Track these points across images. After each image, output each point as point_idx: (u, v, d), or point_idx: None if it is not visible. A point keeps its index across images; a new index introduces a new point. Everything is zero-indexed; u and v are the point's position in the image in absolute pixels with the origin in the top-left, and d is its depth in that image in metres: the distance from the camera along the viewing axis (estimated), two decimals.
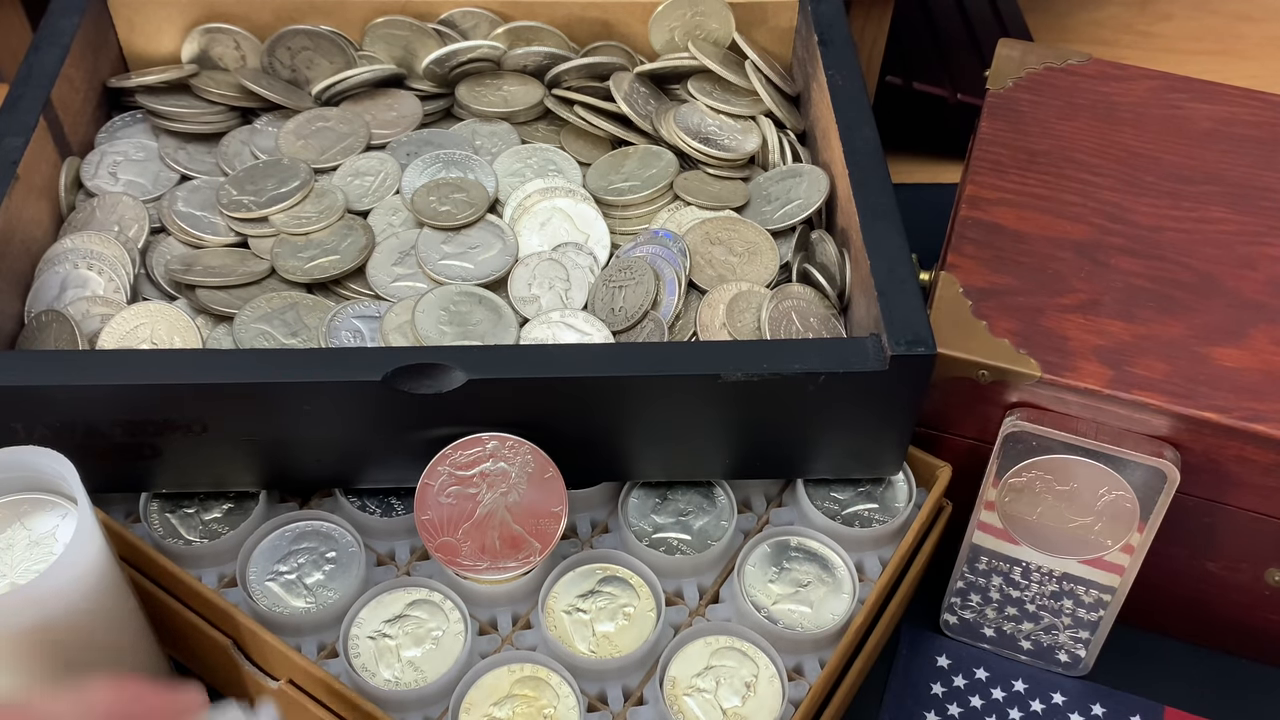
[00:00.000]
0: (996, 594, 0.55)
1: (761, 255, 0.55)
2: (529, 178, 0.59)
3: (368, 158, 0.60)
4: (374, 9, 0.64)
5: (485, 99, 0.62)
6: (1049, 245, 0.56)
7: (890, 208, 0.51)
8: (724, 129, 0.60)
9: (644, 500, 0.52)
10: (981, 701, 0.55)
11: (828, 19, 0.61)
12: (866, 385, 0.46)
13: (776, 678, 0.47)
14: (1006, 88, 0.65)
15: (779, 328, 0.52)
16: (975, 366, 0.51)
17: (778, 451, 0.50)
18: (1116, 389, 0.50)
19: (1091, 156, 0.61)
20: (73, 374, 0.44)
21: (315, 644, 0.48)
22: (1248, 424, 0.49)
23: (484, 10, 0.65)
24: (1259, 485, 0.50)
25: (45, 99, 0.55)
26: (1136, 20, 0.96)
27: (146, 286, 0.55)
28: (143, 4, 0.62)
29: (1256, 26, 0.96)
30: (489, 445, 0.47)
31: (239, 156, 0.60)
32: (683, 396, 0.46)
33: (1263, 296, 0.54)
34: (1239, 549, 0.53)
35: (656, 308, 0.53)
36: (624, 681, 0.47)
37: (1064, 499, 0.51)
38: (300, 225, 0.56)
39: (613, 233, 0.57)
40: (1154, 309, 0.53)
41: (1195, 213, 0.58)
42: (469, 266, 0.55)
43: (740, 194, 0.58)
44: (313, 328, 0.52)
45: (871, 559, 0.52)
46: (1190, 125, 0.63)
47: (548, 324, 0.53)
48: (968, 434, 0.54)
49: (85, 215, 0.56)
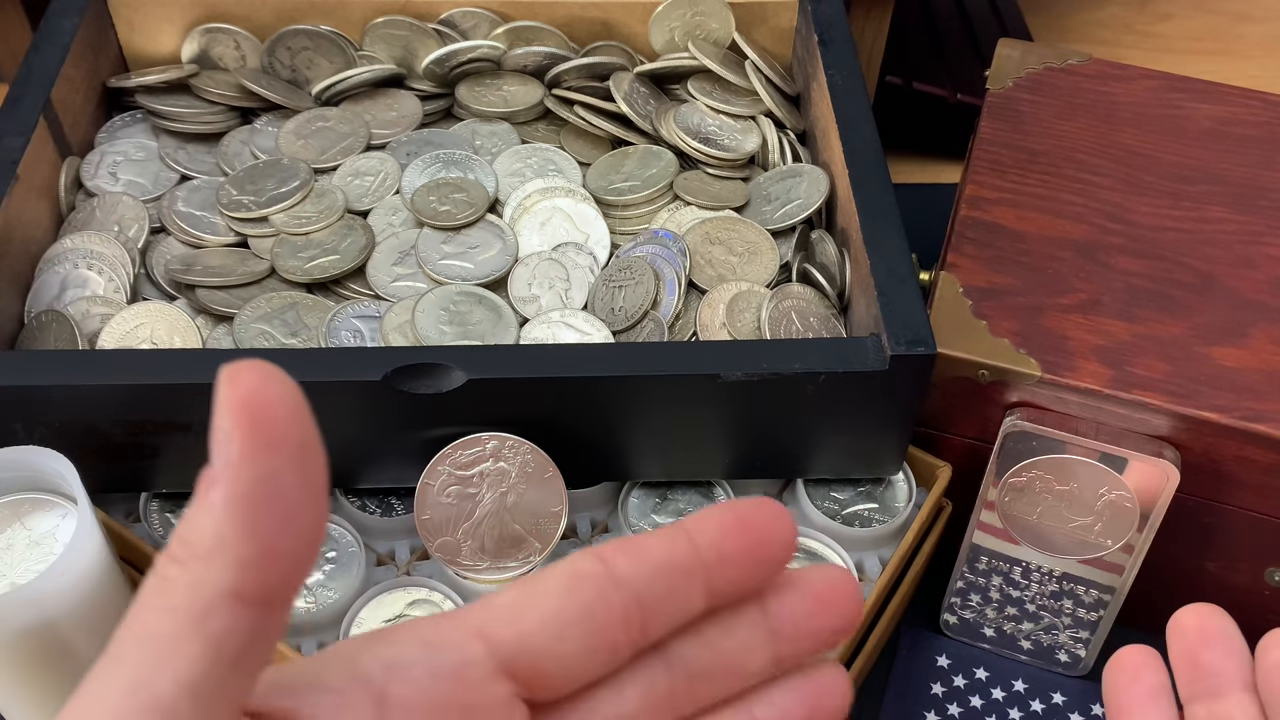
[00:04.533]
0: (996, 594, 0.55)
1: (761, 255, 0.55)
2: (529, 178, 0.59)
3: (368, 158, 0.60)
4: (374, 9, 0.64)
5: (485, 99, 0.62)
6: (1049, 245, 0.56)
7: (890, 208, 0.51)
8: (724, 129, 0.60)
9: (644, 500, 0.52)
10: (981, 701, 0.55)
11: (828, 19, 0.61)
12: (866, 385, 0.46)
13: None
14: (1006, 88, 0.65)
15: (779, 328, 0.52)
16: (975, 366, 0.51)
17: (778, 451, 0.50)
18: (1116, 389, 0.50)
19: (1091, 156, 0.61)
20: (73, 374, 0.44)
21: (315, 644, 0.48)
22: (1248, 424, 0.49)
23: (484, 10, 0.65)
24: (1259, 485, 0.50)
25: (45, 99, 0.55)
26: (1136, 20, 0.96)
27: (146, 286, 0.55)
28: (143, 4, 0.62)
29: (1256, 26, 0.96)
30: (489, 445, 0.47)
31: (239, 156, 0.60)
32: (683, 396, 0.46)
33: (1263, 296, 0.54)
34: (1239, 549, 0.53)
35: (656, 308, 0.53)
36: None
37: (1064, 499, 0.51)
38: (300, 225, 0.56)
39: (613, 233, 0.57)
40: (1154, 309, 0.53)
41: (1195, 213, 0.58)
42: (469, 266, 0.55)
43: (740, 194, 0.58)
44: (313, 328, 0.52)
45: (871, 559, 0.52)
46: (1190, 125, 0.63)
47: (548, 324, 0.53)
48: (968, 434, 0.54)
49: (85, 215, 0.56)
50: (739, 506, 0.25)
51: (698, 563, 0.24)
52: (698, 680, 0.26)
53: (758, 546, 0.25)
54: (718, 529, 0.25)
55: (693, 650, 0.26)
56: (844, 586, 0.26)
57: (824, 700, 0.27)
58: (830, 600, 0.26)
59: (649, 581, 0.24)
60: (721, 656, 0.26)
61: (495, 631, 0.24)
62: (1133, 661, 0.34)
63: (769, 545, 0.25)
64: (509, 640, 0.24)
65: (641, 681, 0.26)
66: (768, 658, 0.26)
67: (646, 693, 0.26)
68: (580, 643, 0.24)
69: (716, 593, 0.25)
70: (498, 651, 0.24)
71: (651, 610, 0.24)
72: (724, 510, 0.25)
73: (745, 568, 0.25)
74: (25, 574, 0.42)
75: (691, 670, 0.26)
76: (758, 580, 0.25)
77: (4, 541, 0.43)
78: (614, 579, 0.24)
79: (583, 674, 0.25)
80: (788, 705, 0.27)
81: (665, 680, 0.26)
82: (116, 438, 0.46)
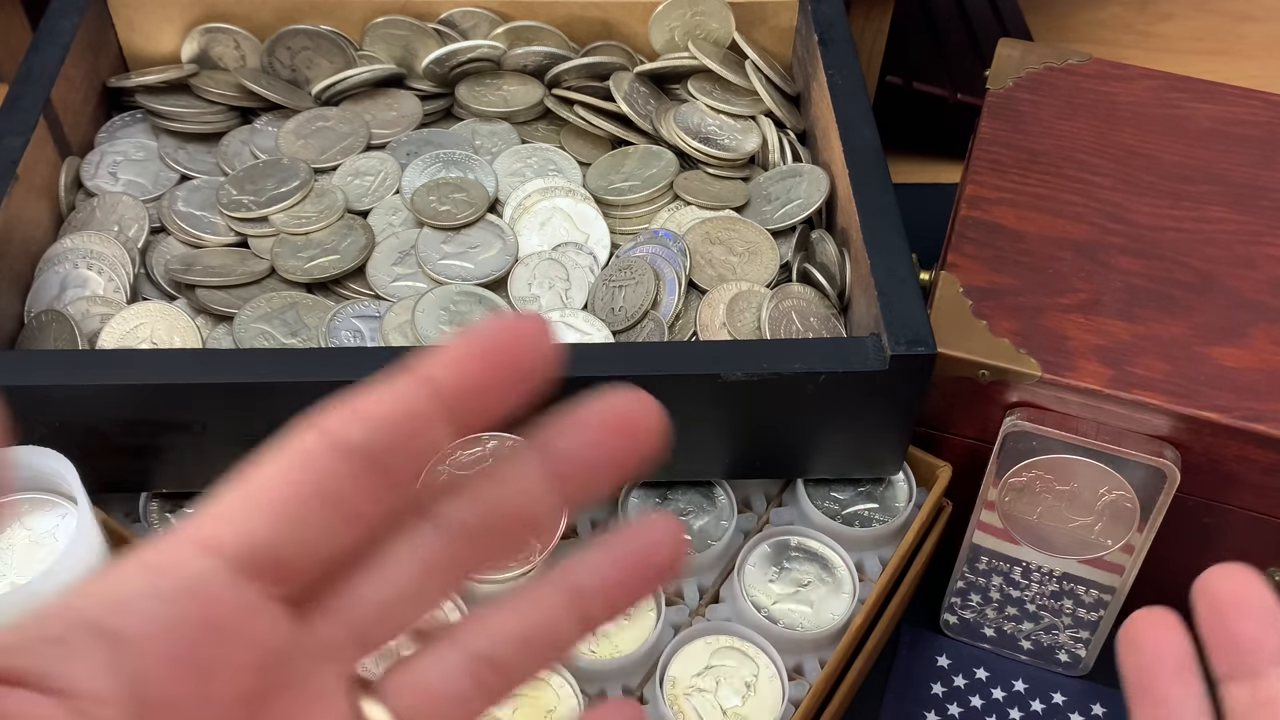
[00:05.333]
0: (996, 594, 0.55)
1: (761, 255, 0.55)
2: (529, 177, 0.59)
3: (368, 158, 0.60)
4: (374, 9, 0.64)
5: (485, 99, 0.62)
6: (1049, 245, 0.56)
7: (890, 208, 0.51)
8: (724, 129, 0.60)
9: (644, 500, 0.52)
10: (981, 701, 0.55)
11: (828, 19, 0.61)
12: (866, 385, 0.46)
13: (776, 677, 0.47)
14: (1006, 88, 0.65)
15: (779, 327, 0.52)
16: (975, 366, 0.51)
17: (778, 451, 0.50)
18: (1116, 389, 0.50)
19: (1091, 156, 0.61)
20: (73, 374, 0.44)
21: None
22: (1248, 424, 0.49)
23: (484, 10, 0.65)
24: (1259, 485, 0.50)
25: (45, 99, 0.55)
26: (1136, 20, 0.96)
27: (146, 286, 0.55)
28: (143, 4, 0.62)
29: (1256, 26, 0.96)
30: (489, 445, 0.47)
31: (239, 156, 0.60)
32: (683, 396, 0.46)
33: (1263, 296, 0.54)
34: (1239, 549, 0.53)
35: (656, 307, 0.53)
36: (624, 681, 0.47)
37: (1064, 499, 0.51)
38: (300, 225, 0.56)
39: (613, 232, 0.57)
40: (1154, 309, 0.53)
41: (1195, 212, 0.58)
42: (469, 266, 0.55)
43: (740, 194, 0.58)
44: (313, 328, 0.52)
45: (871, 559, 0.52)
46: (1190, 125, 0.63)
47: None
48: (968, 434, 0.54)
49: (85, 215, 0.56)
50: (481, 333, 0.23)
51: (436, 406, 0.23)
52: (480, 538, 0.25)
53: (504, 370, 0.23)
54: (454, 364, 0.23)
55: (465, 510, 0.25)
56: (631, 411, 0.25)
57: (652, 554, 0.26)
58: (617, 429, 0.25)
59: (380, 440, 0.23)
60: (499, 509, 0.25)
61: (223, 538, 0.22)
62: (1153, 631, 0.31)
63: (516, 367, 0.23)
64: (240, 542, 0.22)
65: (411, 552, 0.24)
66: (553, 503, 0.25)
67: (419, 562, 0.24)
68: (319, 524, 0.23)
69: (468, 425, 0.24)
70: (231, 557, 0.22)
71: (391, 467, 0.23)
72: (463, 342, 0.23)
73: (496, 393, 0.24)
74: (25, 574, 0.42)
75: (469, 529, 0.25)
76: (516, 400, 0.24)
77: (4, 541, 0.43)
78: (340, 449, 0.23)
79: (333, 552, 0.23)
80: (602, 566, 0.26)
81: (439, 545, 0.24)
82: (116, 438, 0.46)
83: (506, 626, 0.25)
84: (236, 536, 0.22)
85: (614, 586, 0.26)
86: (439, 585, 0.25)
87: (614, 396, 0.25)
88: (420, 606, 0.25)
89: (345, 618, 0.24)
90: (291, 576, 0.23)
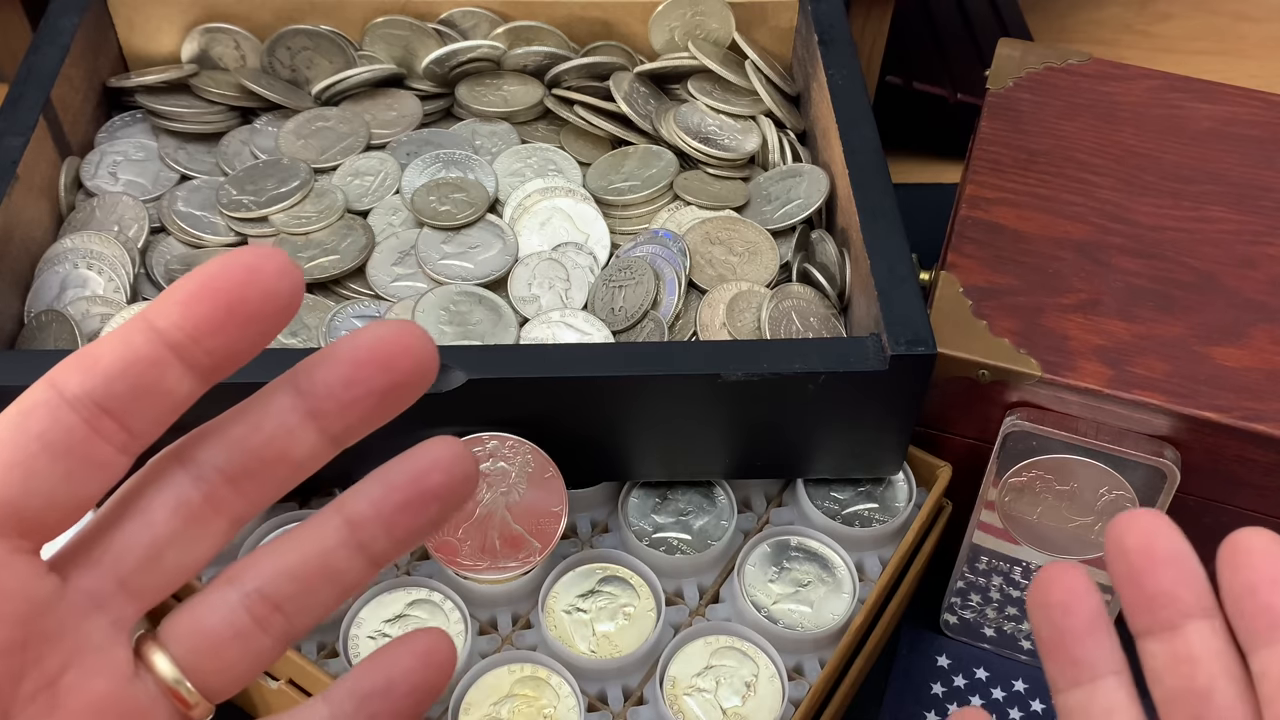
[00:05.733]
0: (996, 594, 0.55)
1: (761, 255, 0.55)
2: (529, 178, 0.59)
3: (368, 158, 0.60)
4: (374, 9, 0.64)
5: (485, 99, 0.62)
6: (1049, 245, 0.56)
7: (890, 208, 0.51)
8: (724, 129, 0.60)
9: (644, 500, 0.52)
10: (981, 701, 0.55)
11: (828, 19, 0.61)
12: (866, 385, 0.46)
13: (776, 677, 0.47)
14: (1006, 87, 0.65)
15: (779, 327, 0.52)
16: (975, 366, 0.51)
17: (778, 451, 0.50)
18: (1116, 389, 0.50)
19: (1091, 156, 0.61)
20: None
21: (315, 644, 0.48)
22: (1248, 424, 0.49)
23: (484, 10, 0.65)
24: (1259, 485, 0.50)
25: (45, 99, 0.55)
26: (1136, 20, 0.96)
27: (146, 286, 0.55)
28: (143, 4, 0.62)
29: (1256, 26, 0.96)
30: (489, 445, 0.47)
31: (239, 156, 0.60)
32: (683, 396, 0.46)
33: (1263, 296, 0.54)
34: None
35: (656, 307, 0.53)
36: (624, 681, 0.47)
37: (1064, 499, 0.51)
38: (300, 225, 0.56)
39: (613, 232, 0.57)
40: (1154, 308, 0.53)
41: (1195, 212, 0.58)
42: (469, 266, 0.55)
43: (740, 194, 0.58)
44: (313, 328, 0.52)
45: (871, 559, 0.52)
46: (1190, 125, 0.63)
47: (548, 324, 0.53)
48: (968, 434, 0.54)
49: (85, 215, 0.56)
50: (205, 272, 0.23)
51: (164, 348, 0.23)
52: (241, 481, 0.25)
53: (234, 308, 0.23)
54: (178, 306, 0.23)
55: (220, 454, 0.25)
56: (387, 341, 0.25)
57: (425, 477, 0.26)
58: (371, 360, 0.25)
59: (106, 388, 0.23)
60: (257, 451, 0.25)
61: None
62: (1062, 586, 0.29)
63: (248, 304, 0.23)
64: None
65: (166, 501, 0.25)
66: (315, 439, 0.25)
67: (177, 509, 0.25)
68: (53, 473, 0.23)
69: (206, 368, 0.24)
70: None
71: (123, 413, 0.23)
72: (186, 282, 0.23)
73: (230, 332, 0.23)
74: None
75: (228, 473, 0.25)
76: (258, 337, 0.24)
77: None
78: (66, 400, 0.23)
79: (77, 500, 0.24)
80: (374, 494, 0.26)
81: (197, 491, 0.25)
82: None
83: (280, 563, 0.26)
84: None
85: (390, 514, 0.26)
86: (208, 532, 0.25)
87: (375, 327, 0.25)
88: (191, 554, 0.25)
89: (109, 568, 0.25)
90: (38, 529, 0.23)
